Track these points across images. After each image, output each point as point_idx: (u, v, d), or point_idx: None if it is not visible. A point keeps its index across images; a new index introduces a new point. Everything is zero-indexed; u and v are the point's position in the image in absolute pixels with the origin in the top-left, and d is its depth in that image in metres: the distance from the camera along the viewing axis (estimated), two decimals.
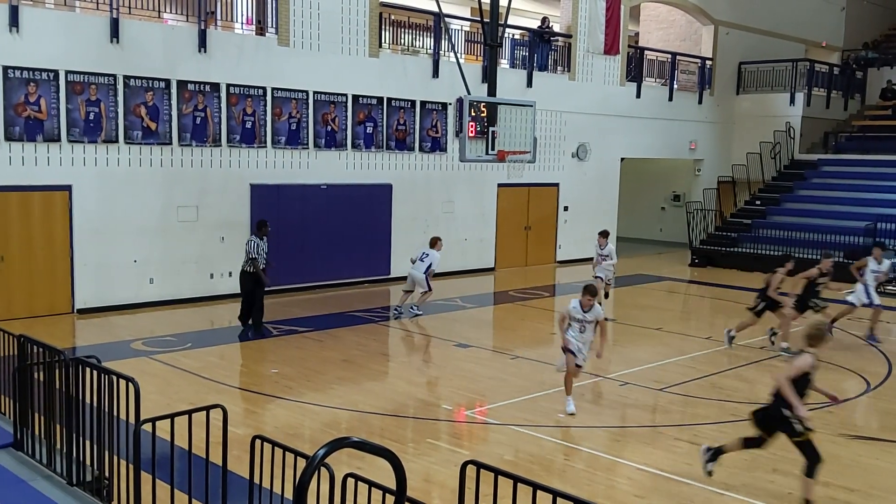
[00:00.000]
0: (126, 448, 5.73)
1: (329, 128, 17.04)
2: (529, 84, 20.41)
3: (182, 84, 14.93)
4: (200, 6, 14.90)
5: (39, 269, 13.85)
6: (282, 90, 16.23)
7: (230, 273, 15.44)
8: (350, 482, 4.99)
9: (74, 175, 13.93)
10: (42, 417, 6.46)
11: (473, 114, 14.15)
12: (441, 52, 18.62)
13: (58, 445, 6.26)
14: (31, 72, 13.33)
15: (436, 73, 18.66)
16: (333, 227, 17.17)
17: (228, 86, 15.50)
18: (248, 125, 15.85)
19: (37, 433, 6.56)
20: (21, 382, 6.63)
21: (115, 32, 14.01)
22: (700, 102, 25.63)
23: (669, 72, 24.70)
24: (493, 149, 14.40)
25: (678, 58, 25.05)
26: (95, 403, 5.86)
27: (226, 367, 11.53)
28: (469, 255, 19.92)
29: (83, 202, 14.07)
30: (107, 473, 5.93)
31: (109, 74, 14.10)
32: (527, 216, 21.43)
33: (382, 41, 17.84)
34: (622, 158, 23.65)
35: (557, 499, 4.03)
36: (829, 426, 9.26)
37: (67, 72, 13.66)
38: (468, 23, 20.59)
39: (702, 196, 25.27)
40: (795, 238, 21.29)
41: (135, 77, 14.37)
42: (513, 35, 20.71)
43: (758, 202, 24.79)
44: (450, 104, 18.83)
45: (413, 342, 13.93)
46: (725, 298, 18.23)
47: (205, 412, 5.73)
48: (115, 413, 5.77)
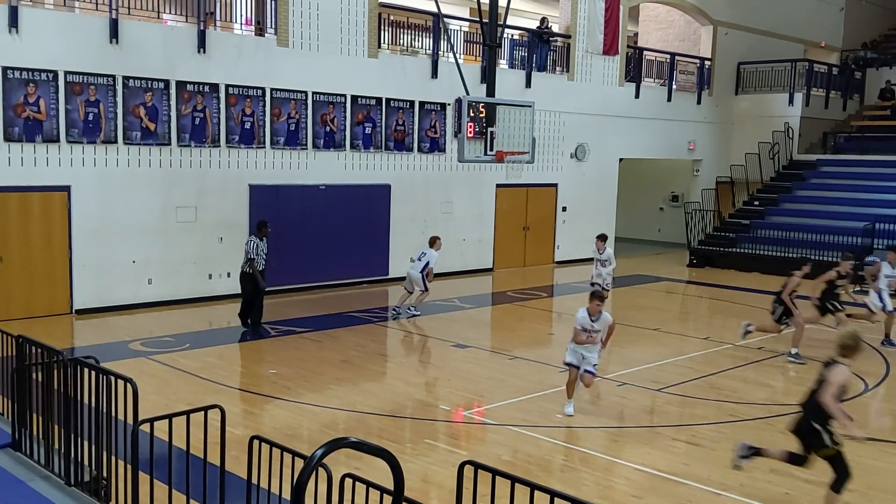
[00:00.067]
0: (124, 448, 5.73)
1: (328, 128, 17.04)
2: (528, 84, 20.42)
3: (181, 84, 14.94)
4: (199, 7, 14.91)
5: (38, 270, 13.85)
6: (281, 91, 16.24)
7: (229, 274, 15.47)
8: (348, 482, 5.01)
9: (73, 176, 13.93)
10: (40, 418, 6.47)
11: (472, 114, 14.16)
12: (440, 53, 18.62)
13: (56, 446, 6.26)
14: (31, 72, 13.33)
15: (435, 74, 18.66)
16: (332, 228, 17.18)
17: (227, 86, 15.50)
18: (247, 126, 15.85)
19: (35, 433, 6.56)
20: (19, 383, 6.63)
21: (115, 33, 14.01)
22: (699, 103, 25.64)
23: (668, 72, 24.71)
24: (492, 149, 14.40)
25: (677, 58, 25.07)
26: (94, 404, 5.86)
27: (224, 368, 11.53)
28: (467, 256, 19.92)
29: (82, 203, 14.07)
30: (105, 474, 5.93)
31: (108, 75, 14.10)
32: (525, 216, 21.44)
33: (381, 42, 17.84)
34: (621, 159, 23.65)
35: (555, 499, 4.05)
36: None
37: (66, 72, 13.67)
38: (467, 23, 20.63)
39: (700, 196, 25.29)
40: (794, 238, 21.31)
41: (134, 77, 14.38)
42: (512, 35, 20.70)
43: (756, 203, 24.81)
44: (449, 105, 18.84)
45: (411, 343, 13.93)
46: (724, 299, 18.24)
47: (203, 413, 5.74)
48: (114, 413, 5.77)
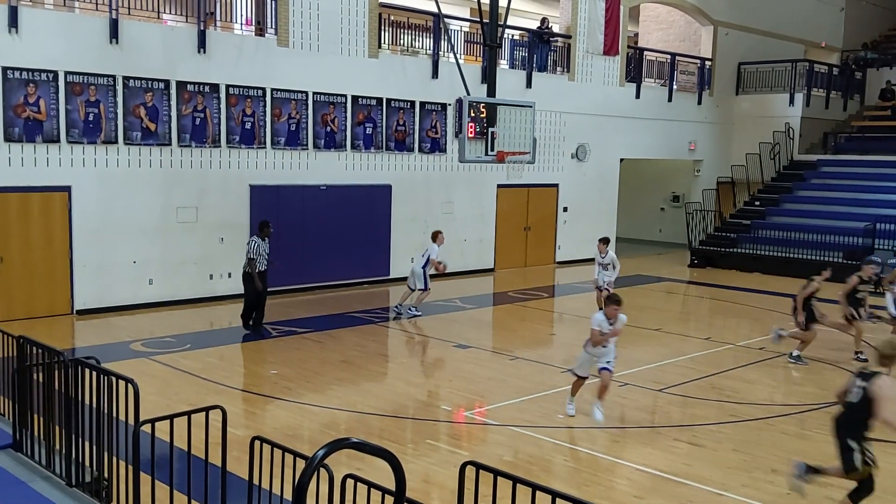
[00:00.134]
0: (125, 449, 5.73)
1: (328, 128, 17.04)
2: (529, 85, 20.42)
3: (181, 85, 14.93)
4: (200, 7, 14.90)
5: (39, 270, 13.85)
6: (281, 91, 16.23)
7: (229, 274, 15.47)
8: (349, 483, 5.00)
9: (74, 176, 13.93)
10: (41, 418, 6.46)
11: (473, 114, 14.14)
12: (440, 53, 18.62)
13: (57, 446, 6.26)
14: (31, 73, 13.33)
15: (435, 74, 18.66)
16: (333, 228, 17.17)
17: (228, 86, 15.50)
18: (248, 126, 15.85)
19: (36, 434, 6.56)
20: (20, 383, 6.63)
21: (115, 33, 14.01)
22: (699, 103, 25.64)
23: (669, 72, 24.71)
24: (493, 149, 14.39)
25: (677, 58, 25.06)
26: (95, 404, 5.86)
27: (225, 368, 11.52)
28: (468, 256, 19.91)
29: (82, 203, 14.07)
30: (106, 474, 5.93)
31: (109, 75, 14.10)
32: (526, 217, 21.43)
33: (382, 42, 17.84)
34: (621, 159, 23.65)
35: (556, 499, 4.04)
36: (827, 426, 9.21)
37: (67, 72, 13.66)
38: (467, 23, 20.61)
39: (701, 197, 25.27)
40: (795, 239, 21.32)
41: (134, 78, 14.38)
42: (512, 36, 20.71)
43: (757, 203, 24.80)
44: (449, 105, 18.83)
45: (412, 343, 13.93)
46: (725, 299, 18.23)
47: (204, 413, 5.73)
48: (115, 414, 5.77)
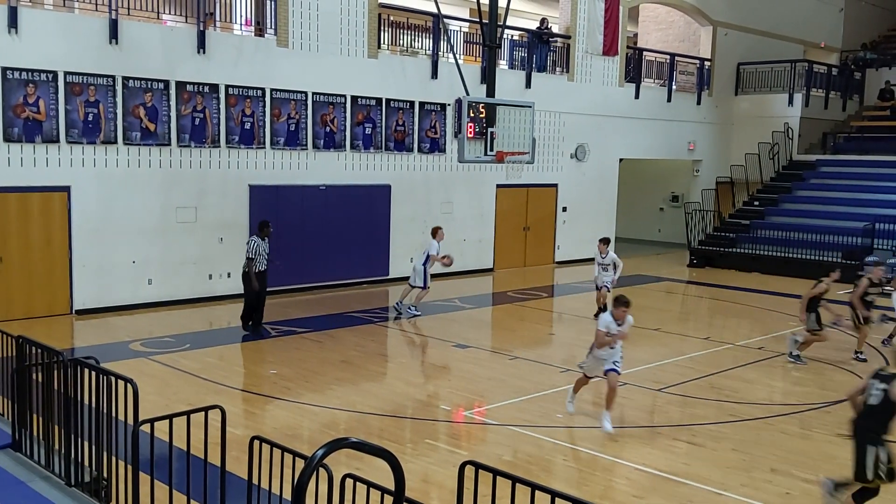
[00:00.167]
0: (125, 449, 5.73)
1: (328, 129, 17.04)
2: (528, 85, 20.42)
3: (181, 85, 14.93)
4: (199, 7, 14.90)
5: (38, 270, 13.84)
6: (280, 91, 16.23)
7: (229, 274, 15.47)
8: (349, 483, 5.01)
9: (73, 176, 13.92)
10: (40, 418, 6.46)
11: (472, 115, 14.17)
12: (440, 53, 18.62)
13: (56, 446, 6.26)
14: (30, 73, 13.33)
15: (434, 74, 18.66)
16: (332, 228, 17.17)
17: (227, 87, 15.50)
18: (247, 126, 15.85)
19: (35, 434, 6.56)
20: (19, 383, 6.62)
21: (114, 33, 14.01)
22: (699, 103, 25.64)
23: (668, 73, 24.71)
24: (492, 149, 14.40)
25: (677, 59, 25.07)
26: (94, 404, 5.86)
27: (224, 368, 11.51)
28: (468, 256, 19.91)
29: (82, 203, 14.06)
30: (105, 474, 5.93)
31: (108, 75, 14.09)
32: (525, 217, 21.44)
33: (381, 42, 17.83)
34: (621, 159, 23.66)
35: (556, 499, 4.04)
36: (827, 426, 9.28)
37: (66, 73, 13.66)
38: (467, 24, 20.61)
39: (700, 197, 25.29)
40: (794, 239, 21.33)
41: (133, 78, 14.37)
42: (511, 36, 20.71)
43: (756, 203, 24.81)
44: (449, 105, 18.84)
45: (412, 343, 13.93)
46: (724, 299, 18.24)
47: (203, 413, 5.73)
48: (114, 414, 5.77)
